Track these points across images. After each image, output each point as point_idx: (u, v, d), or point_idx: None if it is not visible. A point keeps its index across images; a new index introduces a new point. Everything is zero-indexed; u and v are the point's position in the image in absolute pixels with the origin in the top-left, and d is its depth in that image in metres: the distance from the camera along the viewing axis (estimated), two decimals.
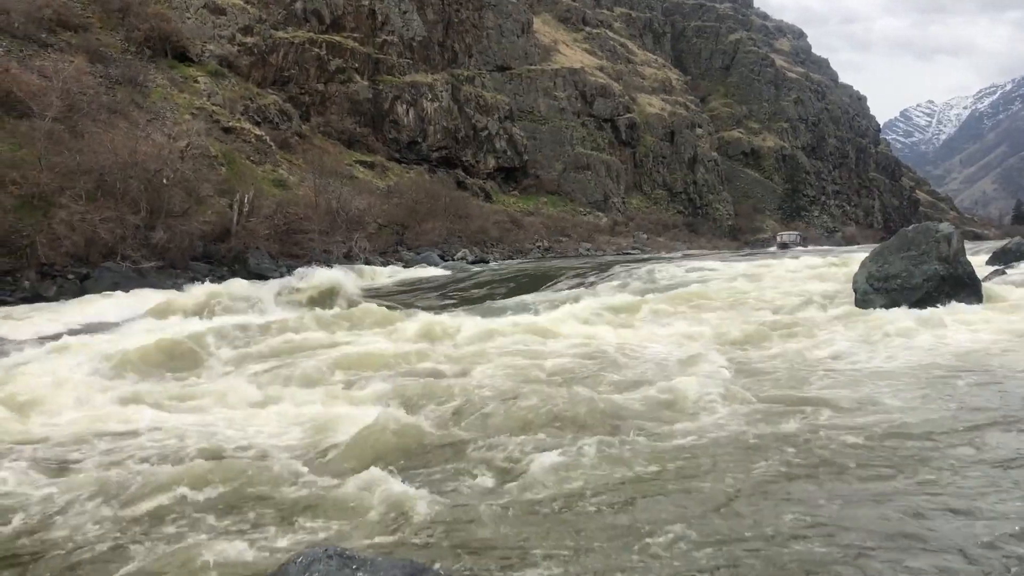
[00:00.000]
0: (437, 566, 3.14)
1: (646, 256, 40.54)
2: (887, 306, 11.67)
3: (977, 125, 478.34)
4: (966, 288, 11.96)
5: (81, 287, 18.43)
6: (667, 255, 40.52)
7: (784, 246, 59.80)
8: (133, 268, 20.36)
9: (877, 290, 12.15)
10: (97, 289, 18.02)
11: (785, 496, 4.29)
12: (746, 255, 35.35)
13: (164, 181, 23.48)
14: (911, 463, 4.79)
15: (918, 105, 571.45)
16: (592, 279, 19.03)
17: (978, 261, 15.88)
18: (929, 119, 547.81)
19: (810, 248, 51.12)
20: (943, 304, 11.36)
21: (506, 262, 36.33)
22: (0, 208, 19.25)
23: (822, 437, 5.38)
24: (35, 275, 18.72)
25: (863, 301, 12.18)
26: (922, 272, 11.91)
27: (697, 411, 6.24)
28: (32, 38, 30.83)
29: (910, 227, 13.26)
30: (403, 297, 17.77)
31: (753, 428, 5.67)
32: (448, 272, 25.86)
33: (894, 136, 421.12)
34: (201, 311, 14.21)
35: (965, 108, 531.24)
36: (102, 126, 26.36)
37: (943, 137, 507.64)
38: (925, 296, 11.64)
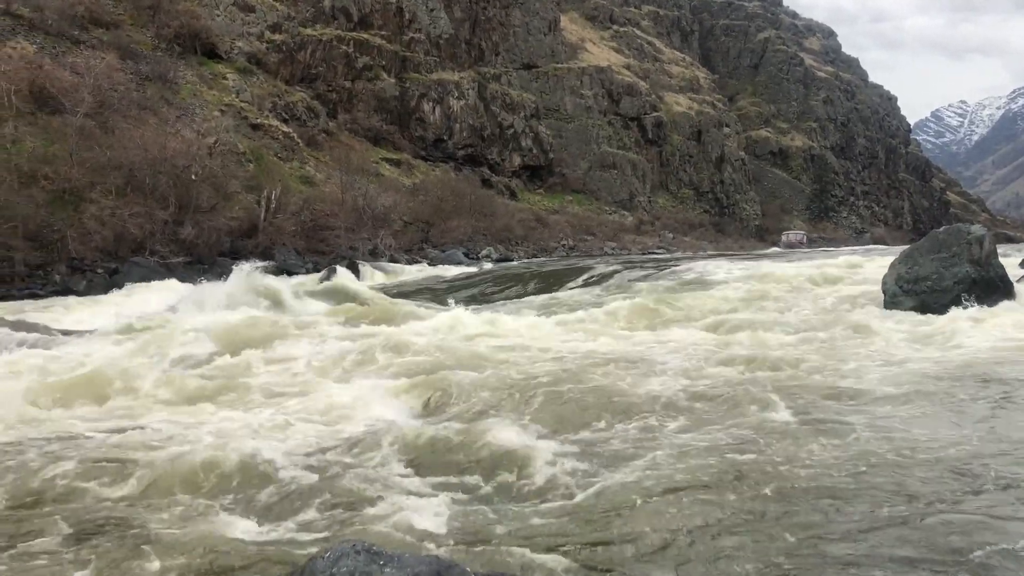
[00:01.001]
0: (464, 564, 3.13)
1: (669, 256, 40.33)
2: (916, 308, 11.51)
3: (1011, 126, 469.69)
4: (998, 291, 11.75)
5: (110, 281, 18.65)
6: (692, 255, 40.27)
7: (790, 246, 59.63)
8: (161, 263, 20.61)
9: (906, 292, 11.99)
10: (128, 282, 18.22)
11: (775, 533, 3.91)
12: (757, 255, 34.99)
13: (193, 177, 23.79)
14: (950, 487, 4.44)
15: (950, 105, 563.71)
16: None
17: (1011, 263, 15.59)
18: (961, 120, 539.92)
19: (818, 248, 50.76)
20: (974, 307, 11.18)
21: (530, 260, 36.32)
22: (32, 203, 19.55)
23: (829, 455, 4.98)
24: (66, 269, 19.01)
25: (891, 303, 12.03)
26: (953, 274, 11.72)
27: (698, 422, 5.97)
28: (65, 35, 31.30)
29: (941, 229, 13.06)
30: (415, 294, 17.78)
31: (749, 448, 5.24)
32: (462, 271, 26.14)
33: (925, 137, 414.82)
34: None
35: (998, 108, 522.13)
36: (132, 122, 26.71)
37: (975, 138, 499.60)
38: (956, 299, 11.46)
